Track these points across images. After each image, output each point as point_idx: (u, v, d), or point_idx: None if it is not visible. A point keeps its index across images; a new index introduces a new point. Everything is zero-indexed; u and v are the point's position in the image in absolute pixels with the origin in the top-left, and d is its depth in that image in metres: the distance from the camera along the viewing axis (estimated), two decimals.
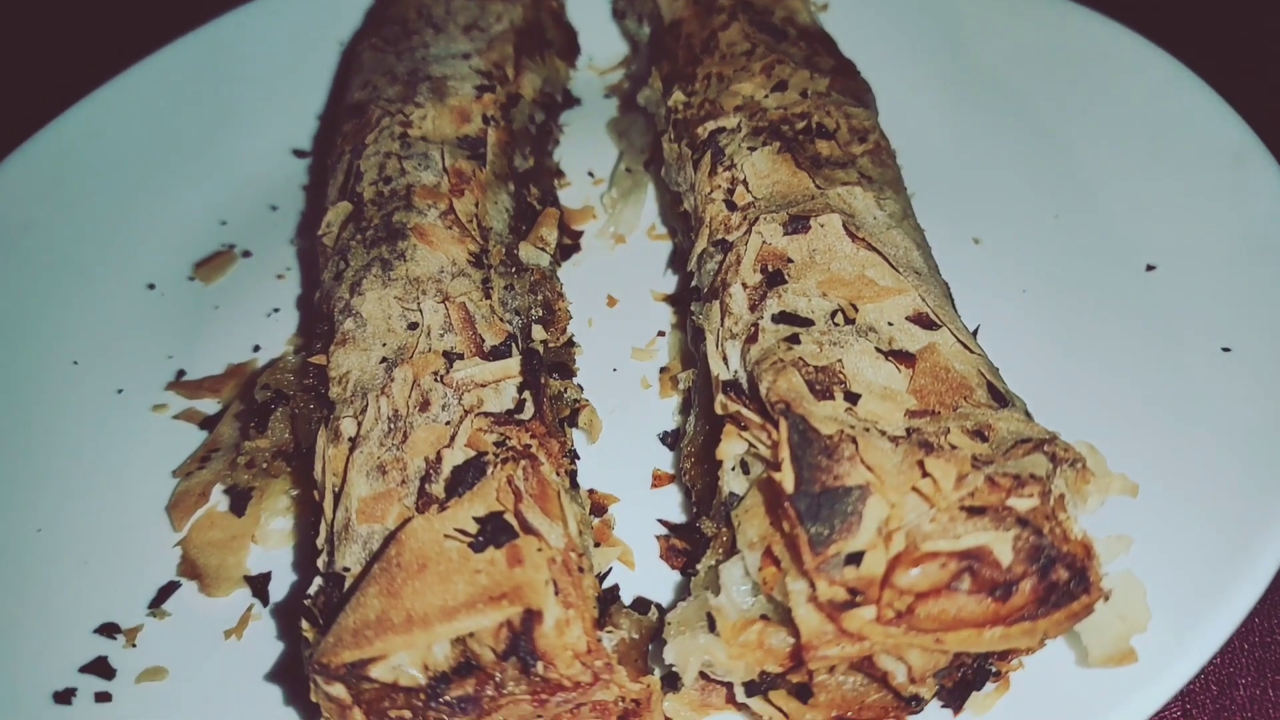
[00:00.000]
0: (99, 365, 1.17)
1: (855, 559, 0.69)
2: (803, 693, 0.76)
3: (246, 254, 1.32)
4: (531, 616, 0.72)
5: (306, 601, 0.80)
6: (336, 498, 0.86)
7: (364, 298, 0.96)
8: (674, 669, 0.80)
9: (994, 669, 0.78)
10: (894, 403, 0.80)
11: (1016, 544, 0.68)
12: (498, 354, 0.92)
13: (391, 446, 0.85)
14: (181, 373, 1.18)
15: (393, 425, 0.87)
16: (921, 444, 0.74)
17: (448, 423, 0.86)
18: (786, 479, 0.73)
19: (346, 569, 0.81)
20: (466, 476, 0.82)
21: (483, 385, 0.89)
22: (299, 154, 1.46)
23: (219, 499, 1.03)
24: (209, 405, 1.14)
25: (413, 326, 0.94)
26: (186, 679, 0.88)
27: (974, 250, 1.20)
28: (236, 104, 1.47)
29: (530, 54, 1.34)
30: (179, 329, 1.22)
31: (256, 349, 1.20)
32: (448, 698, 0.72)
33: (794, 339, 0.85)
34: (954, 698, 0.77)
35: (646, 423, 1.08)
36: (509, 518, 0.78)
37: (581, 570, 0.78)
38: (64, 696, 0.85)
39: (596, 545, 0.94)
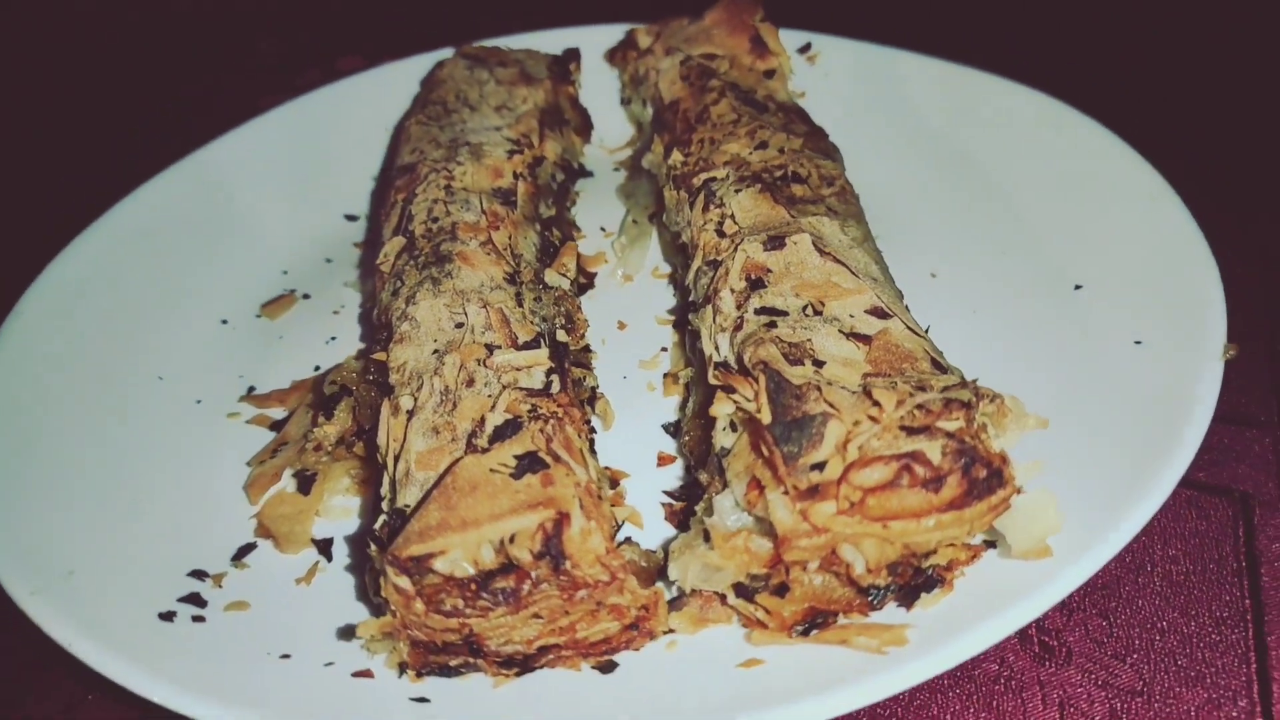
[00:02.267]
0: (181, 381, 1.36)
1: (819, 466, 0.87)
2: (781, 591, 0.92)
3: (306, 296, 1.53)
4: (562, 520, 0.89)
5: (375, 531, 0.97)
6: (397, 457, 1.04)
7: (418, 306, 1.16)
8: (677, 585, 0.96)
9: (940, 578, 0.94)
10: (853, 368, 0.99)
11: (945, 449, 0.86)
12: (529, 347, 1.11)
13: (443, 413, 1.04)
14: (252, 388, 1.36)
15: (444, 398, 1.05)
16: (872, 391, 0.93)
17: (489, 395, 1.04)
18: (764, 415, 0.92)
19: (407, 505, 0.98)
20: (506, 432, 1.00)
21: (518, 369, 1.08)
22: (349, 218, 1.68)
23: (287, 481, 1.21)
24: (276, 413, 1.33)
25: (459, 326, 1.13)
26: (265, 610, 1.05)
27: (931, 282, 1.41)
28: (296, 178, 1.71)
29: (551, 129, 1.58)
30: (249, 354, 1.42)
31: (317, 368, 1.39)
32: (493, 587, 0.89)
33: (772, 324, 1.05)
34: (907, 598, 0.93)
35: (653, 416, 1.26)
36: (543, 455, 0.96)
37: (600, 498, 0.96)
38: (168, 616, 1.01)
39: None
